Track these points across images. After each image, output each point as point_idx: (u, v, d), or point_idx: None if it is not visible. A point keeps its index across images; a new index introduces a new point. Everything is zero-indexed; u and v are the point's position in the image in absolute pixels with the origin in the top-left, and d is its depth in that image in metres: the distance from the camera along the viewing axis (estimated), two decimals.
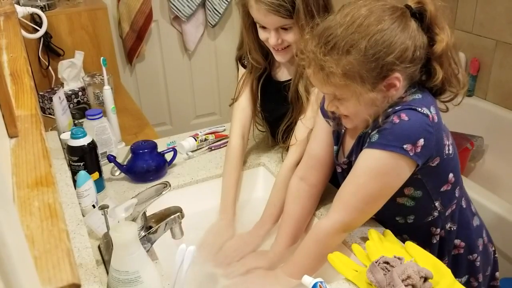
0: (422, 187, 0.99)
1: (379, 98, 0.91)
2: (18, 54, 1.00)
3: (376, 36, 0.87)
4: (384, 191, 0.95)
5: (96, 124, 1.39)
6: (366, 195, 0.95)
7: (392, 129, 0.90)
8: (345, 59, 0.87)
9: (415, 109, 0.90)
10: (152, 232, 1.02)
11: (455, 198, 1.05)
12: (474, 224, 1.13)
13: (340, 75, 0.88)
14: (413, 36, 0.89)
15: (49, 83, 2.15)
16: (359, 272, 0.93)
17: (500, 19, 2.21)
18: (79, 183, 1.14)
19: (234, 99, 1.38)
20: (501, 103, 2.30)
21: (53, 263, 0.42)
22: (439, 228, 1.06)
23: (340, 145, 1.09)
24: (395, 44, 0.87)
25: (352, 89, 0.89)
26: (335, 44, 0.88)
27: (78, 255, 0.94)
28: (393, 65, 0.88)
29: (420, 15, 0.92)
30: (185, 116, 3.16)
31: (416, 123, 0.89)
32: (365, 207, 0.97)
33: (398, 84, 0.90)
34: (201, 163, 1.43)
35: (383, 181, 0.94)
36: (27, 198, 0.53)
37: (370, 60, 0.87)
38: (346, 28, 0.88)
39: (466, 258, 1.11)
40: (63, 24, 2.13)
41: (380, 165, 0.92)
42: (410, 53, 0.89)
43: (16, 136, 0.68)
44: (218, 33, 3.06)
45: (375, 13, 0.89)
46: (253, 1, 1.13)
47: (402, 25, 0.89)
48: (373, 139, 0.92)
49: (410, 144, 0.89)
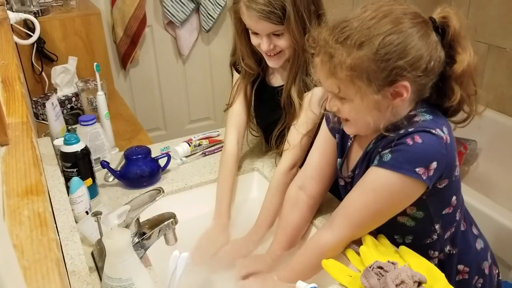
0: (425, 208, 0.97)
1: (384, 104, 0.88)
2: (10, 61, 1.00)
3: (392, 36, 0.83)
4: (391, 210, 0.94)
5: (90, 130, 1.38)
6: (373, 213, 0.93)
7: (406, 151, 0.87)
8: (356, 53, 0.84)
9: (429, 131, 0.87)
10: (146, 238, 1.02)
11: (455, 221, 1.02)
12: (478, 247, 1.09)
13: (348, 68, 0.84)
14: (431, 46, 0.86)
15: (43, 88, 2.14)
16: (353, 277, 0.93)
17: (492, 24, 2.22)
18: (72, 190, 1.13)
19: (229, 105, 1.38)
20: (494, 106, 2.31)
21: (43, 273, 0.41)
22: (437, 251, 1.03)
23: (344, 158, 1.07)
24: (410, 49, 0.84)
25: (357, 87, 0.86)
26: (349, 36, 0.85)
27: (71, 262, 0.94)
28: (403, 71, 0.84)
29: (443, 30, 0.89)
30: (179, 121, 3.16)
31: (430, 147, 0.86)
32: (370, 224, 0.96)
33: (405, 94, 0.86)
34: (195, 168, 1.43)
35: (392, 201, 0.92)
36: (17, 207, 0.53)
37: (381, 60, 0.83)
38: (362, 22, 0.85)
39: (472, 283, 1.08)
40: (56, 30, 2.12)
41: (390, 185, 0.89)
42: (424, 63, 0.85)
43: (7, 144, 0.67)
44: (212, 38, 3.06)
45: (395, 14, 0.86)
46: (245, 7, 1.13)
47: (421, 32, 0.85)
48: (384, 158, 0.89)
49: (423, 168, 0.86)
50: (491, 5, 2.21)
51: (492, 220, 1.65)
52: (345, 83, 0.87)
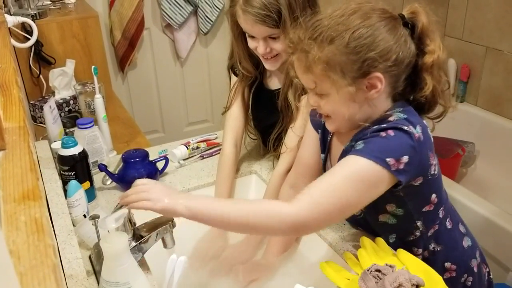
0: (403, 205, 0.98)
1: (359, 96, 0.91)
2: (7, 65, 0.99)
3: (361, 30, 0.88)
4: (357, 199, 0.90)
5: (87, 133, 1.38)
6: (337, 198, 0.88)
7: (378, 142, 0.89)
8: (328, 47, 0.88)
9: (401, 128, 0.89)
10: (143, 242, 1.02)
11: (438, 219, 1.04)
12: (465, 245, 1.10)
13: (322, 62, 0.88)
14: (399, 39, 0.90)
15: (40, 91, 2.14)
16: (351, 280, 0.93)
17: (489, 26, 2.23)
18: (70, 193, 1.13)
19: (227, 108, 1.38)
20: (491, 109, 2.31)
21: (39, 279, 0.41)
22: (421, 249, 1.04)
23: (327, 153, 1.09)
24: (379, 41, 0.88)
25: (332, 80, 0.89)
26: (321, 33, 0.89)
27: (69, 266, 0.94)
28: (374, 61, 0.88)
29: (412, 25, 0.93)
30: (177, 123, 3.16)
31: (401, 140, 0.89)
32: (332, 210, 0.89)
33: (379, 85, 0.90)
34: (193, 171, 1.43)
35: (358, 187, 0.89)
36: (13, 212, 0.52)
37: (352, 52, 0.87)
38: (333, 20, 0.90)
39: (459, 281, 1.08)
40: (54, 33, 2.12)
41: (360, 170, 0.88)
42: (394, 54, 0.89)
43: (4, 149, 0.67)
44: (210, 40, 3.07)
45: (363, 10, 0.90)
46: (241, 11, 1.14)
47: (389, 26, 0.90)
48: (357, 147, 0.91)
49: (393, 159, 0.87)
50: (488, 7, 2.21)
51: (489, 222, 1.65)
52: (320, 78, 0.91)
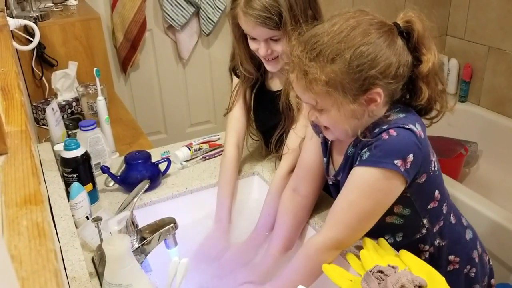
0: (410, 205, 1.00)
1: (359, 111, 0.91)
2: (9, 68, 1.00)
3: (362, 48, 0.87)
4: (377, 208, 0.95)
5: (90, 135, 1.39)
6: (358, 212, 0.94)
7: (382, 145, 0.90)
8: (329, 67, 0.87)
9: (403, 126, 0.90)
10: (146, 244, 1.02)
11: (442, 215, 1.06)
12: (467, 238, 1.12)
13: (323, 83, 0.88)
14: (398, 53, 0.90)
15: (43, 93, 2.14)
16: (353, 282, 0.93)
17: (491, 26, 2.22)
18: (72, 195, 1.13)
19: (228, 109, 1.38)
20: (494, 108, 2.31)
21: (41, 284, 0.41)
22: (427, 245, 1.06)
23: (328, 157, 1.09)
24: (379, 59, 0.88)
25: (333, 99, 0.89)
26: (321, 51, 0.88)
27: (72, 268, 0.94)
28: (375, 79, 0.88)
29: (407, 34, 0.93)
30: (180, 124, 3.16)
31: (405, 138, 0.90)
32: (357, 225, 0.96)
33: (378, 99, 0.90)
34: (195, 172, 1.43)
35: (375, 198, 0.93)
36: (15, 217, 0.53)
37: (354, 71, 0.87)
38: (332, 37, 0.88)
39: (462, 272, 1.10)
40: (56, 35, 2.12)
41: (373, 182, 0.92)
42: (394, 70, 0.89)
43: (6, 153, 0.67)
44: (212, 41, 3.06)
45: (362, 26, 0.89)
46: (242, 13, 1.14)
47: (388, 40, 0.90)
48: (364, 156, 0.92)
49: (400, 160, 0.89)
50: (490, 7, 2.21)
51: (492, 222, 1.64)
52: (322, 97, 0.91)
